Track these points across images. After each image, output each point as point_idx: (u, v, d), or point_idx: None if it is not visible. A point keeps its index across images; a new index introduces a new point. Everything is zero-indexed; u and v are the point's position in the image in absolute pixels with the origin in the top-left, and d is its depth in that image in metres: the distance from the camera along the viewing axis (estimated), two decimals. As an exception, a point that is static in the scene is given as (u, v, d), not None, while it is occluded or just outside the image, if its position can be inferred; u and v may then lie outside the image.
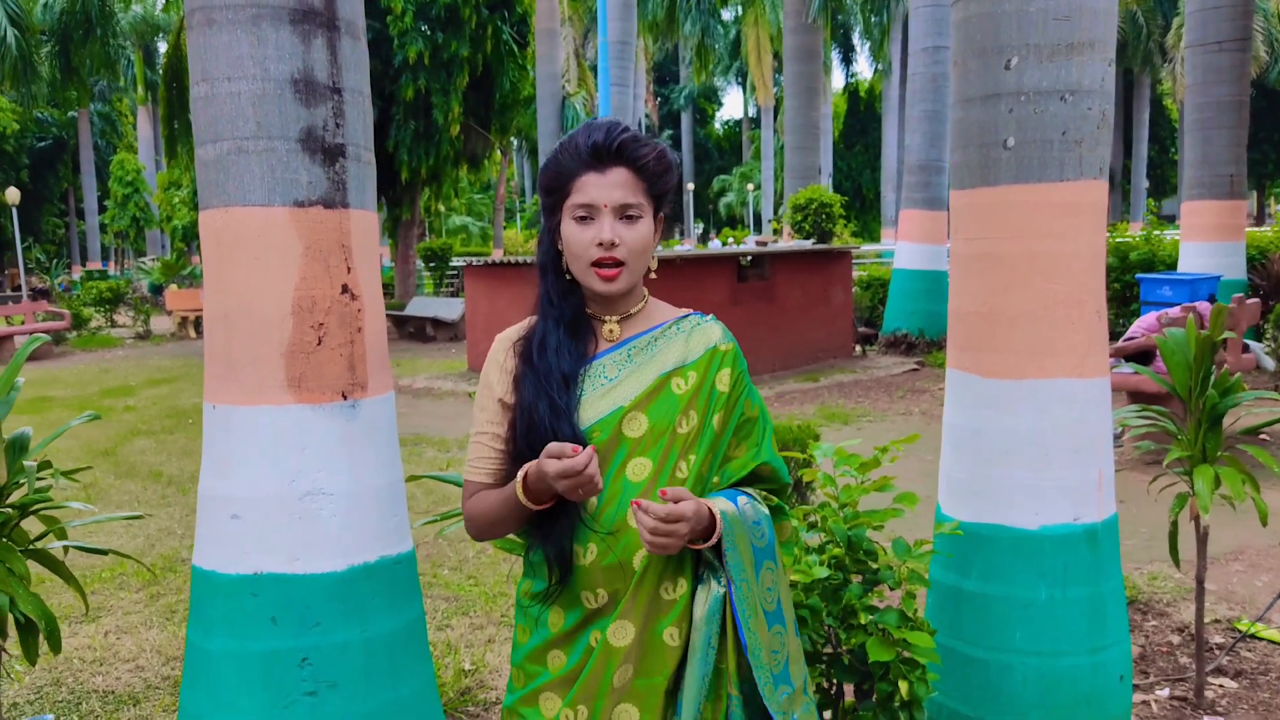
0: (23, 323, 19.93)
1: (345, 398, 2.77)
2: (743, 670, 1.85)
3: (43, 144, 42.85)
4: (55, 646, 3.15)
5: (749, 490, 1.93)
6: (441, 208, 21.58)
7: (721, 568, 1.82)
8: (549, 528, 1.84)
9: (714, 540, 1.80)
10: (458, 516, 3.16)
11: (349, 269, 2.78)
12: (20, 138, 39.09)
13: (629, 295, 1.94)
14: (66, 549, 3.34)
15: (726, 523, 1.81)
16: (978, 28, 3.18)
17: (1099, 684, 3.20)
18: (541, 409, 1.85)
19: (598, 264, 1.83)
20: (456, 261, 21.20)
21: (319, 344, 2.73)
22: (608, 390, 1.88)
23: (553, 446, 1.71)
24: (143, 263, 35.36)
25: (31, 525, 3.34)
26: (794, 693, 1.91)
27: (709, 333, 1.97)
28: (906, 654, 2.72)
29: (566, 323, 1.90)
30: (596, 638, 1.84)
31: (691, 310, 2.03)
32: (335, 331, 2.75)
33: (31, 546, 3.23)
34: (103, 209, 42.13)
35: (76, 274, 38.50)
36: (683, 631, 1.84)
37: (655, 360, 1.91)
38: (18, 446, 3.26)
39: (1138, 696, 3.79)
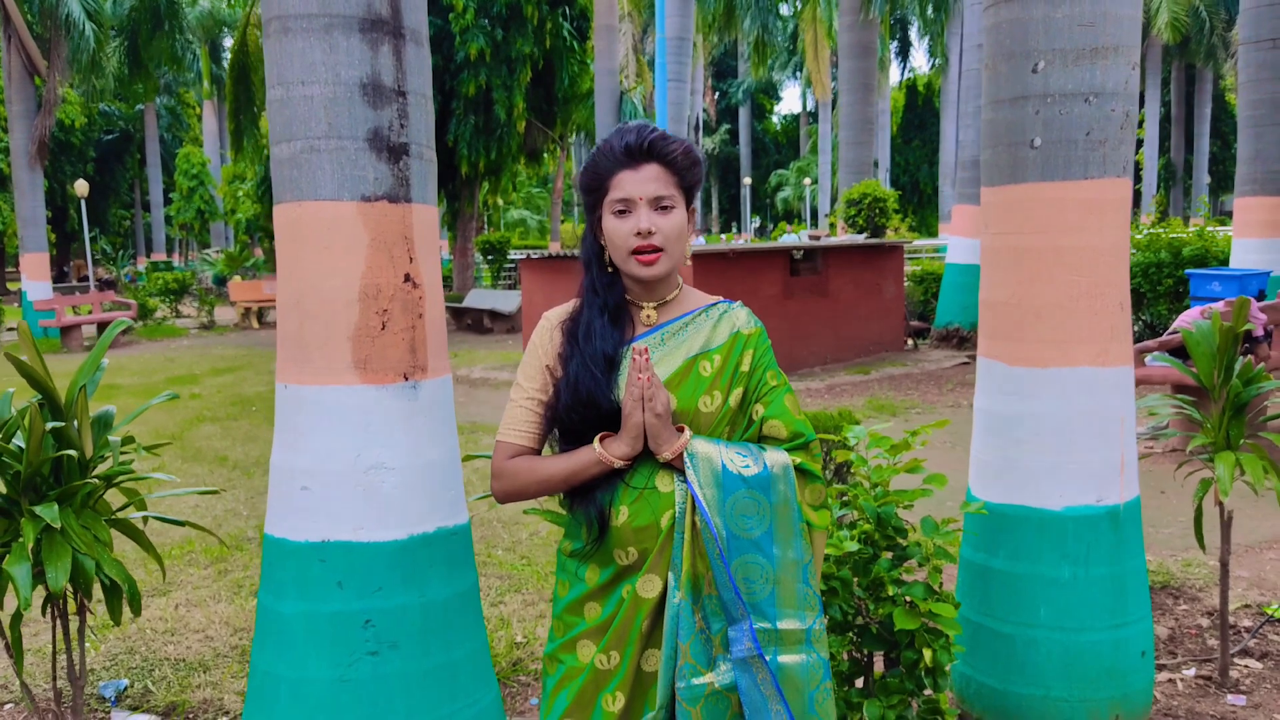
0: (90, 312, 20.55)
1: (407, 379, 2.98)
2: (709, 580, 2.03)
3: (109, 137, 43.90)
4: (136, 609, 3.39)
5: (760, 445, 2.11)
6: (499, 201, 21.91)
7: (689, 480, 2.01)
8: (591, 491, 2.06)
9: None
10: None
11: (411, 259, 2.99)
12: (88, 131, 40.08)
13: (665, 283, 2.14)
14: (146, 519, 3.58)
15: (692, 444, 2.01)
16: (1007, 33, 3.32)
17: (1121, 659, 3.34)
18: (586, 386, 2.06)
19: (637, 251, 2.04)
20: (514, 255, 21.48)
21: (383, 329, 2.94)
22: None
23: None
24: (207, 254, 36.13)
25: (112, 498, 3.59)
26: (776, 632, 2.03)
27: (734, 318, 2.17)
28: (931, 624, 2.89)
29: (609, 311, 2.11)
30: (628, 590, 2.05)
31: (721, 298, 2.22)
32: (398, 317, 2.96)
33: (114, 516, 3.48)
34: (168, 201, 43.06)
35: (141, 265, 39.40)
36: None
37: (685, 345, 2.12)
38: (101, 423, 3.52)
39: (1164, 675, 3.91)
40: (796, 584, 2.07)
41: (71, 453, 3.19)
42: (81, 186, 25.93)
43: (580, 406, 2.06)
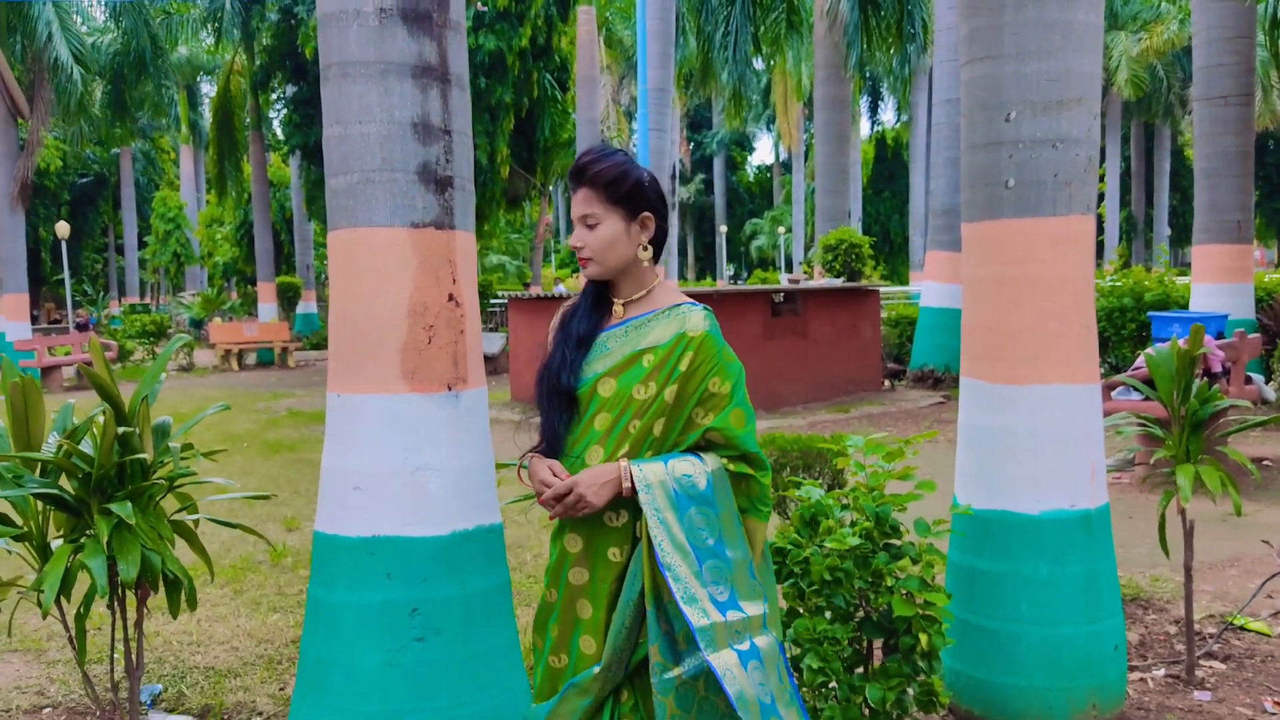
0: (69, 354, 20.59)
1: (450, 388, 3.30)
2: (667, 590, 2.35)
3: (84, 181, 44.00)
4: (192, 603, 3.66)
5: (699, 454, 2.41)
6: (479, 246, 22.28)
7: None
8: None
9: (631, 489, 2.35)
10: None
11: (454, 280, 3.31)
12: (63, 174, 40.20)
13: (629, 283, 2.51)
14: (197, 522, 3.86)
15: (641, 474, 2.34)
16: (983, 86, 3.73)
17: (1096, 651, 3.68)
18: (555, 361, 2.49)
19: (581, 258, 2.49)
20: (495, 299, 21.73)
21: (429, 343, 3.26)
22: (601, 357, 2.47)
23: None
24: (182, 297, 36.19)
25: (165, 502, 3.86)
26: (748, 619, 2.39)
27: (685, 321, 2.44)
28: (926, 612, 3.21)
29: (592, 298, 2.53)
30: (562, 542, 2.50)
31: (688, 300, 2.51)
32: (443, 332, 3.28)
33: (172, 518, 3.75)
34: (142, 245, 43.15)
35: (115, 308, 39.40)
36: (624, 551, 2.43)
37: (638, 338, 2.46)
38: (160, 431, 3.80)
39: (1136, 675, 4.24)
40: (747, 578, 2.43)
41: (142, 456, 3.46)
42: (63, 228, 26.10)
43: (549, 377, 2.47)
